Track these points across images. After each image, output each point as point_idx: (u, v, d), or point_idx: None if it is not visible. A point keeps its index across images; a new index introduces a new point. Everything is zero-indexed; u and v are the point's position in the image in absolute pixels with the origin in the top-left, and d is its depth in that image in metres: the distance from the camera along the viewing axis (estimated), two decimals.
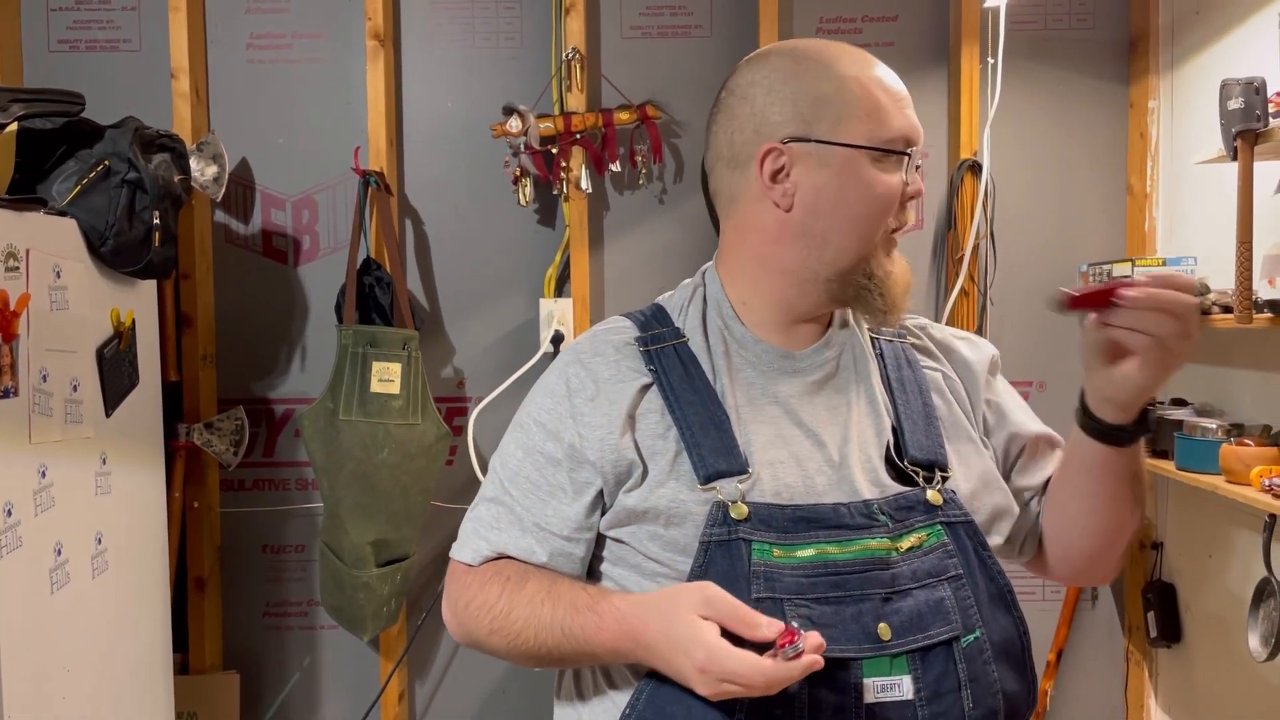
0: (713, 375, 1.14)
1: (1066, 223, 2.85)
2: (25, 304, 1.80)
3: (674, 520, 1.08)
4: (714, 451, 1.09)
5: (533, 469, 1.15)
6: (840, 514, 1.08)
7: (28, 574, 1.80)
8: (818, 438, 1.12)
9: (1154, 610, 2.70)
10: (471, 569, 1.17)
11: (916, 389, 1.18)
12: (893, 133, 1.11)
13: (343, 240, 2.78)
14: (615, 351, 1.17)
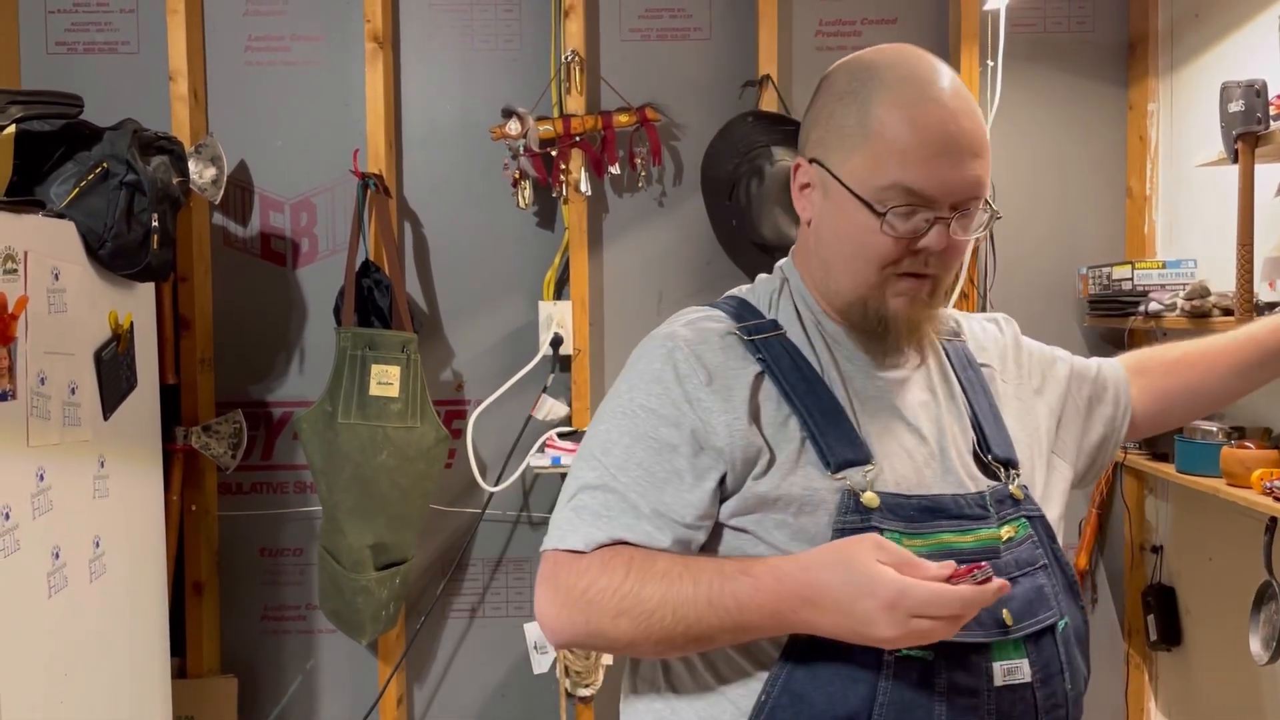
0: (819, 367, 1.14)
1: (1066, 225, 2.84)
2: (23, 306, 1.80)
3: (806, 508, 1.07)
4: (839, 440, 1.09)
5: (646, 455, 1.10)
6: (960, 504, 1.10)
7: (25, 577, 1.79)
8: (919, 432, 1.14)
9: (1154, 613, 2.69)
10: (582, 556, 1.08)
11: (981, 389, 1.21)
12: (887, 181, 1.07)
13: (341, 243, 2.78)
14: (720, 339, 1.14)
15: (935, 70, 1.11)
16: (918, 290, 1.12)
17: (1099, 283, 2.66)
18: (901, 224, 1.07)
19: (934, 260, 1.10)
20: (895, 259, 1.09)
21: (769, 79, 2.73)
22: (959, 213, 1.08)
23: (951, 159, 1.06)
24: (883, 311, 1.12)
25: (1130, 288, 2.52)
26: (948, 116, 1.06)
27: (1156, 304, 2.43)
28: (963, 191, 1.07)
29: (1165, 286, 2.48)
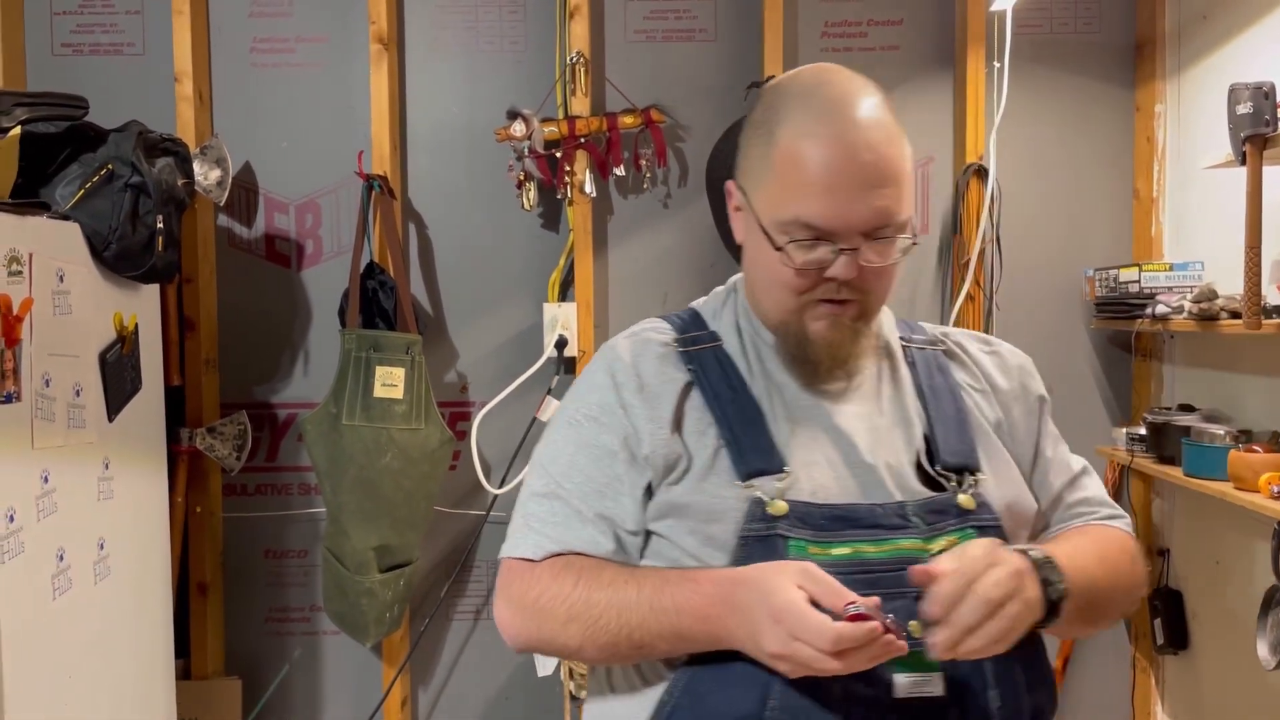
0: (749, 377, 1.17)
1: (1073, 227, 2.83)
2: (28, 308, 1.80)
3: (713, 516, 1.10)
4: (752, 450, 1.11)
5: (588, 462, 1.15)
6: (875, 514, 1.09)
7: (30, 580, 1.79)
8: (849, 441, 1.14)
9: (1161, 617, 2.68)
10: (534, 565, 1.13)
11: (949, 394, 1.20)
12: (789, 215, 1.08)
13: (346, 244, 2.78)
14: (657, 350, 1.20)
15: (844, 99, 1.09)
16: (839, 315, 1.12)
17: (1106, 285, 2.65)
18: (802, 256, 1.09)
19: (848, 287, 1.10)
20: (807, 288, 1.11)
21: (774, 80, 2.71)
22: (871, 239, 1.07)
23: (850, 193, 1.05)
24: (803, 336, 1.13)
25: (1137, 290, 2.51)
26: (848, 149, 1.06)
27: (1164, 306, 2.42)
28: (866, 223, 1.06)
29: (1172, 289, 2.47)
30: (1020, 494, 1.18)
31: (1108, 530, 1.20)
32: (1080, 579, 1.06)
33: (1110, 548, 1.17)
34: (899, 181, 1.08)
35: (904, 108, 2.80)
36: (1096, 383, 2.84)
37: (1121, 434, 2.62)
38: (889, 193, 1.07)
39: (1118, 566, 1.15)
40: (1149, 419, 2.50)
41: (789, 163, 1.08)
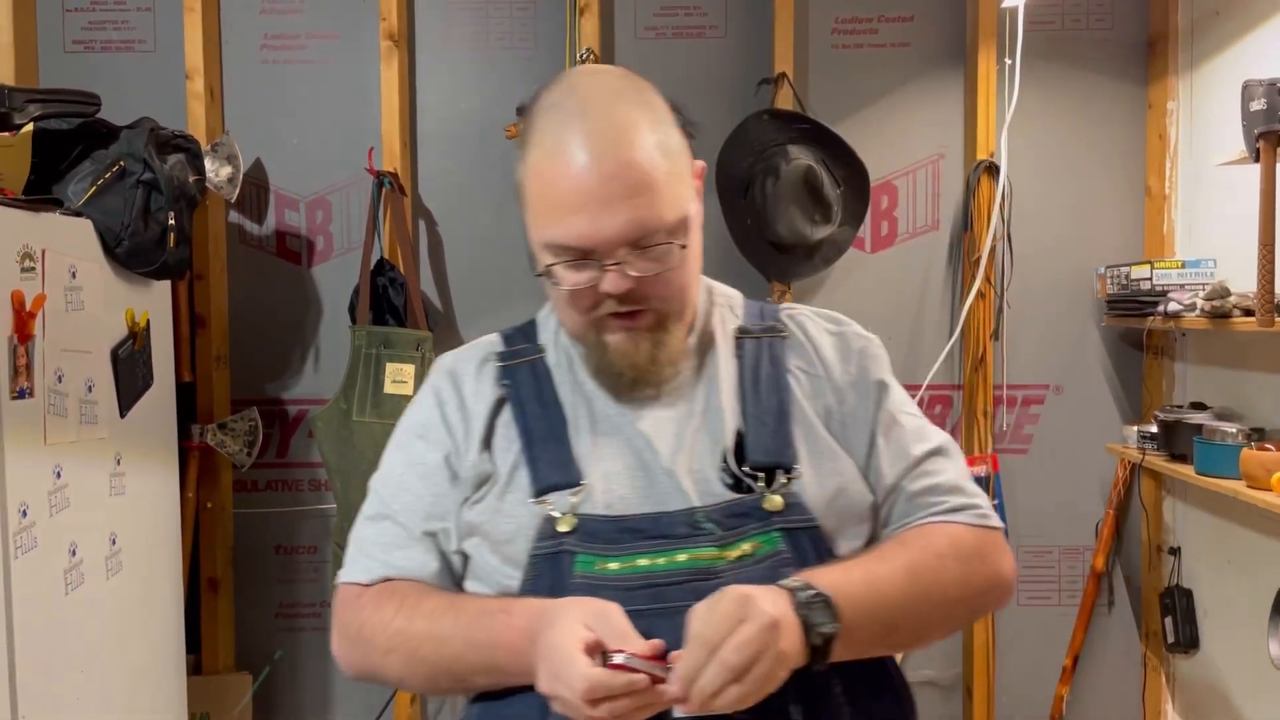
0: (562, 389, 1.15)
1: (1084, 224, 2.82)
2: (41, 305, 1.80)
3: (509, 535, 1.08)
4: (549, 465, 1.09)
5: (416, 480, 1.15)
6: (661, 524, 1.06)
7: (43, 574, 1.80)
8: (653, 447, 1.10)
9: (1172, 616, 2.67)
10: (363, 592, 1.12)
11: (774, 387, 1.14)
12: (543, 239, 1.06)
13: (356, 241, 2.78)
14: (477, 368, 1.18)
15: (585, 109, 1.04)
16: (633, 327, 1.08)
17: (1117, 282, 2.64)
18: (572, 276, 1.06)
19: (632, 299, 1.06)
20: (589, 305, 1.08)
21: (784, 77, 2.72)
22: (639, 249, 1.03)
23: (593, 211, 1.01)
24: (602, 350, 1.10)
25: (1149, 288, 2.50)
26: (589, 163, 1.01)
27: (1176, 304, 2.41)
28: (623, 237, 1.02)
29: (1185, 286, 2.46)
30: (848, 488, 1.11)
31: (936, 532, 1.10)
32: (866, 606, 0.99)
33: (928, 556, 1.06)
34: (652, 187, 1.02)
35: (914, 104, 2.81)
36: (1107, 380, 2.83)
37: (1132, 432, 2.61)
38: (642, 201, 1.01)
39: (938, 577, 1.06)
40: (1160, 417, 2.50)
41: (537, 184, 1.05)
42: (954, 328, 2.79)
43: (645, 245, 1.03)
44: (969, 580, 1.08)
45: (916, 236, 2.83)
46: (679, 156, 1.07)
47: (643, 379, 1.10)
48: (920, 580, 1.05)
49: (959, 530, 1.10)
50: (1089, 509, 2.83)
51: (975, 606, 1.11)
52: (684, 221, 1.06)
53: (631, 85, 1.08)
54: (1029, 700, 2.83)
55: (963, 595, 1.08)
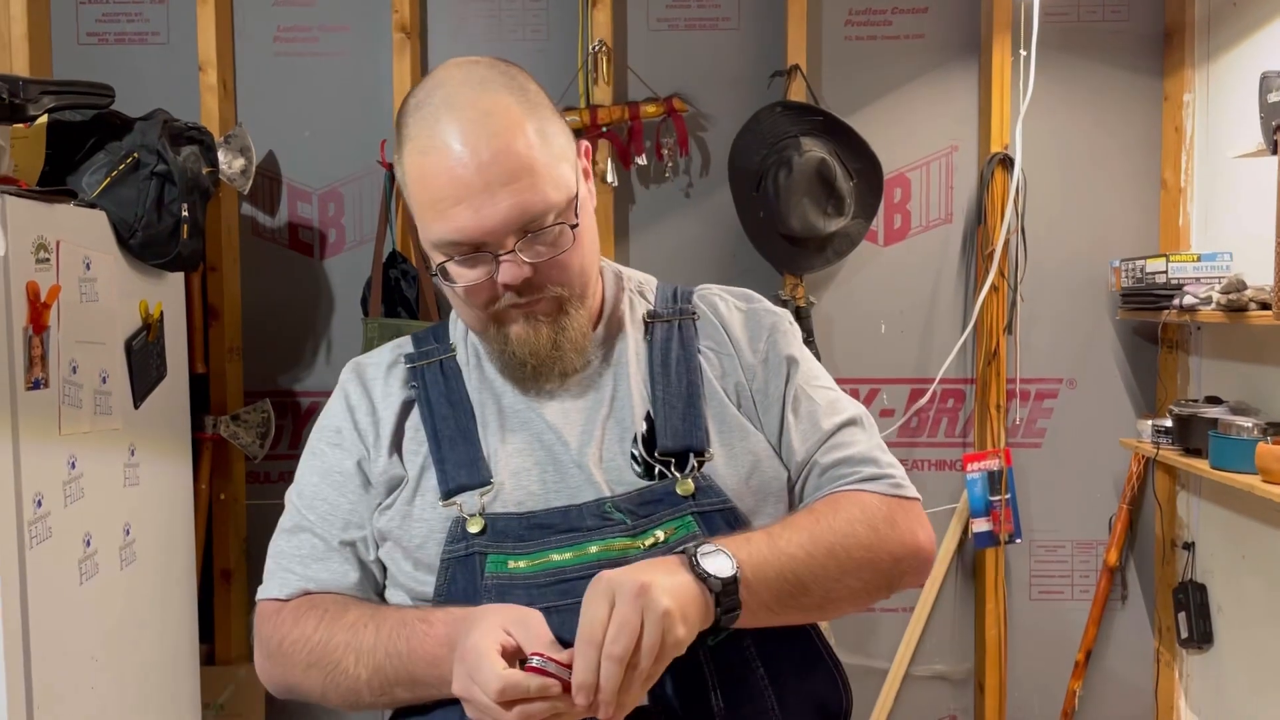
0: (470, 387, 1.14)
1: (1099, 218, 2.81)
2: (55, 295, 1.81)
3: (419, 539, 1.07)
4: (457, 465, 1.08)
5: (330, 490, 1.13)
6: (570, 517, 1.05)
7: (57, 564, 1.81)
8: (563, 439, 1.09)
9: (1185, 611, 2.66)
10: (283, 606, 1.10)
11: (684, 370, 1.13)
12: (431, 237, 1.03)
13: (368, 233, 2.78)
14: (386, 371, 1.17)
15: (452, 100, 1.01)
16: (531, 312, 1.06)
17: (1132, 276, 2.62)
18: (467, 272, 1.04)
19: (529, 288, 1.04)
20: (488, 300, 1.05)
21: (798, 69, 2.70)
22: (527, 236, 1.01)
23: (474, 203, 0.98)
24: (504, 343, 1.08)
25: (1164, 281, 2.49)
26: (463, 153, 0.98)
27: (1191, 298, 2.39)
28: (510, 224, 0.99)
29: (1200, 280, 2.44)
30: (761, 466, 1.10)
31: (845, 499, 1.08)
32: (767, 559, 0.97)
33: (834, 520, 1.04)
34: (532, 169, 1.00)
35: (928, 96, 2.79)
36: (1121, 374, 2.82)
37: (1147, 426, 2.60)
38: (523, 185, 0.99)
39: (845, 540, 1.02)
40: (1175, 411, 2.48)
41: (417, 183, 1.02)
42: (967, 321, 2.78)
43: (535, 229, 1.01)
44: (878, 544, 1.05)
45: (930, 229, 2.82)
46: (558, 137, 1.05)
47: (546, 367, 1.08)
48: (824, 540, 1.02)
49: (869, 498, 1.08)
50: (1102, 503, 2.82)
51: (887, 571, 1.07)
52: (571, 201, 1.04)
53: (500, 72, 1.05)
54: (1041, 695, 2.83)
55: (872, 559, 1.05)
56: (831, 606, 1.05)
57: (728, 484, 1.08)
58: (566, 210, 1.03)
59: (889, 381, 2.82)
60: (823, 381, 1.17)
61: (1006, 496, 2.73)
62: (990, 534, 2.74)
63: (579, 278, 1.08)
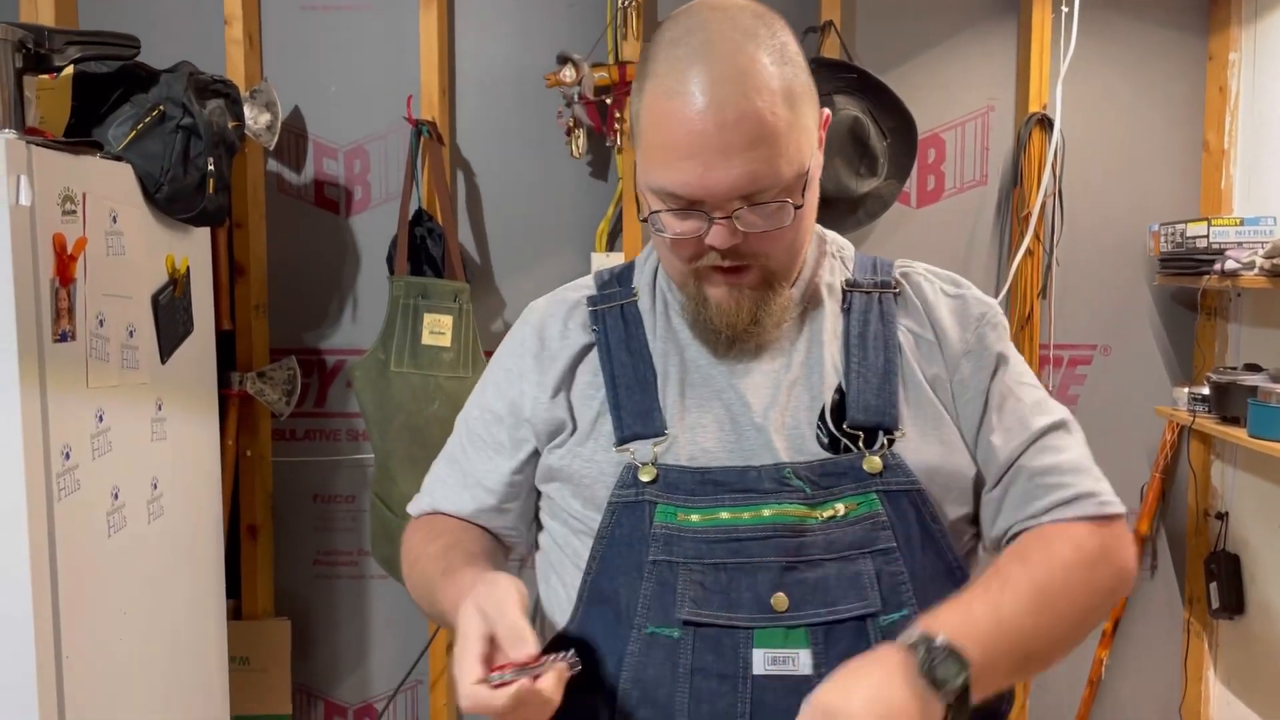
0: (652, 336, 1.13)
1: (1138, 180, 2.74)
2: (82, 248, 1.80)
3: (588, 480, 1.09)
4: (633, 413, 1.08)
5: (482, 426, 1.19)
6: (748, 478, 1.04)
7: (86, 517, 1.81)
8: (745, 401, 1.07)
9: (1217, 581, 2.63)
10: (416, 522, 1.23)
11: (881, 345, 1.10)
12: (653, 183, 1.01)
13: (394, 191, 2.76)
14: (567, 311, 1.18)
15: (709, 47, 0.97)
16: (736, 283, 1.04)
17: (1172, 240, 2.56)
18: (677, 224, 1.01)
19: (737, 254, 1.01)
20: (692, 255, 1.03)
21: (831, 25, 2.65)
22: (749, 204, 0.98)
23: (712, 157, 0.96)
24: (702, 303, 1.07)
25: (1205, 245, 2.43)
26: (707, 109, 0.95)
27: (1233, 262, 2.34)
28: (735, 189, 0.96)
29: (1242, 244, 2.39)
30: (951, 458, 1.07)
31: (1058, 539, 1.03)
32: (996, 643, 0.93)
33: (1053, 570, 0.99)
34: (773, 139, 0.95)
35: (965, 54, 2.73)
36: (1158, 341, 2.77)
37: (1183, 394, 2.55)
38: (759, 154, 0.95)
39: (1067, 593, 0.99)
40: (1213, 378, 2.43)
41: (652, 124, 0.99)
42: (1001, 286, 2.73)
43: (758, 200, 0.98)
44: (1095, 586, 1.02)
45: (964, 191, 2.77)
46: (805, 105, 1.00)
47: (742, 339, 1.07)
48: (1048, 600, 0.98)
49: (1081, 531, 1.04)
50: (1134, 472, 2.78)
51: (1104, 608, 1.05)
52: (801, 178, 1.00)
53: (764, 25, 0.99)
54: (1068, 662, 2.78)
55: (1092, 604, 1.02)
56: (1050, 664, 1.03)
57: (917, 467, 1.05)
58: (794, 187, 1.00)
59: None
60: (1029, 379, 1.13)
61: None
62: None
63: (789, 254, 1.06)
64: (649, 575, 1.03)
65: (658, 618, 1.02)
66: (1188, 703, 2.76)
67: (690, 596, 1.01)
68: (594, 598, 1.08)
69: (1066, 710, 2.80)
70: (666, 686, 1.01)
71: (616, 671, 1.03)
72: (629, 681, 1.02)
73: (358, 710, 2.87)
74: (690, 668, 1.00)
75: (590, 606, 1.08)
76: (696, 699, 1.00)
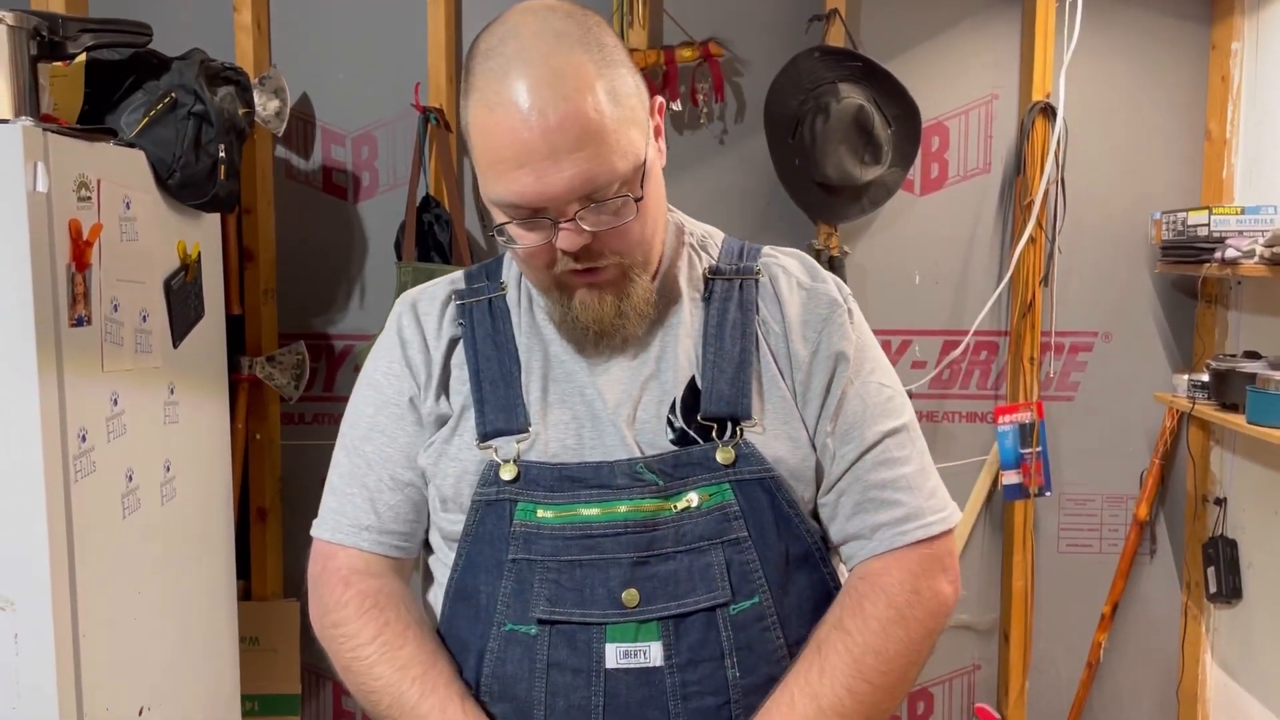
0: (518, 331, 1.13)
1: (1140, 168, 2.76)
2: (97, 234, 1.83)
3: (453, 479, 1.09)
4: (496, 409, 1.09)
5: (389, 422, 1.14)
6: (602, 473, 1.05)
7: (101, 498, 1.84)
8: (602, 396, 1.08)
9: (1215, 566, 2.66)
10: (348, 579, 1.12)
11: (739, 334, 1.10)
12: (491, 196, 1.00)
13: (402, 177, 2.78)
14: (440, 305, 1.16)
15: (522, 54, 0.95)
16: (594, 280, 1.04)
17: (1173, 229, 2.58)
18: (525, 234, 1.01)
19: (590, 254, 1.01)
20: (548, 262, 1.03)
21: (836, 14, 2.66)
22: (590, 204, 0.98)
23: (537, 168, 0.95)
24: (567, 308, 1.07)
25: (1206, 234, 2.45)
26: (528, 116, 0.93)
27: (1234, 251, 2.36)
28: (570, 192, 0.96)
29: (1243, 233, 2.40)
30: (798, 452, 1.09)
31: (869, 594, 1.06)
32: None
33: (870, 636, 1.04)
34: (600, 136, 0.95)
35: (969, 43, 2.74)
36: (1158, 329, 2.79)
37: (1183, 380, 2.57)
38: (589, 153, 0.95)
39: (887, 661, 1.04)
40: (1213, 365, 2.46)
41: (480, 138, 0.98)
42: (1002, 273, 2.75)
43: (599, 199, 0.98)
44: (912, 639, 1.06)
45: (967, 179, 2.79)
46: (631, 98, 1.00)
47: (609, 334, 1.07)
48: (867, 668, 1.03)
49: (896, 575, 1.07)
50: (1134, 458, 2.81)
51: (922, 657, 1.08)
52: (639, 170, 1.00)
53: (576, 24, 0.98)
54: (1066, 646, 2.84)
55: (910, 660, 1.06)
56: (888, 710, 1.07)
57: (769, 457, 1.07)
58: (632, 180, 1.00)
59: (922, 333, 2.81)
60: (879, 378, 1.13)
61: (1038, 449, 2.72)
62: (1020, 486, 2.74)
63: (640, 246, 1.06)
64: (508, 573, 1.05)
65: (515, 615, 1.05)
66: (1185, 685, 2.79)
67: (545, 595, 1.04)
68: (458, 595, 1.10)
69: (1065, 692, 2.83)
70: (525, 681, 1.05)
71: (478, 667, 1.07)
72: (490, 677, 1.06)
73: None
74: (547, 663, 1.04)
75: (455, 604, 1.10)
76: (553, 693, 1.03)
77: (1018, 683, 2.77)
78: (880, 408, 1.11)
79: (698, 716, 1.03)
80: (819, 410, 1.10)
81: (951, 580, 1.10)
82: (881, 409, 1.11)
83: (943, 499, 1.13)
